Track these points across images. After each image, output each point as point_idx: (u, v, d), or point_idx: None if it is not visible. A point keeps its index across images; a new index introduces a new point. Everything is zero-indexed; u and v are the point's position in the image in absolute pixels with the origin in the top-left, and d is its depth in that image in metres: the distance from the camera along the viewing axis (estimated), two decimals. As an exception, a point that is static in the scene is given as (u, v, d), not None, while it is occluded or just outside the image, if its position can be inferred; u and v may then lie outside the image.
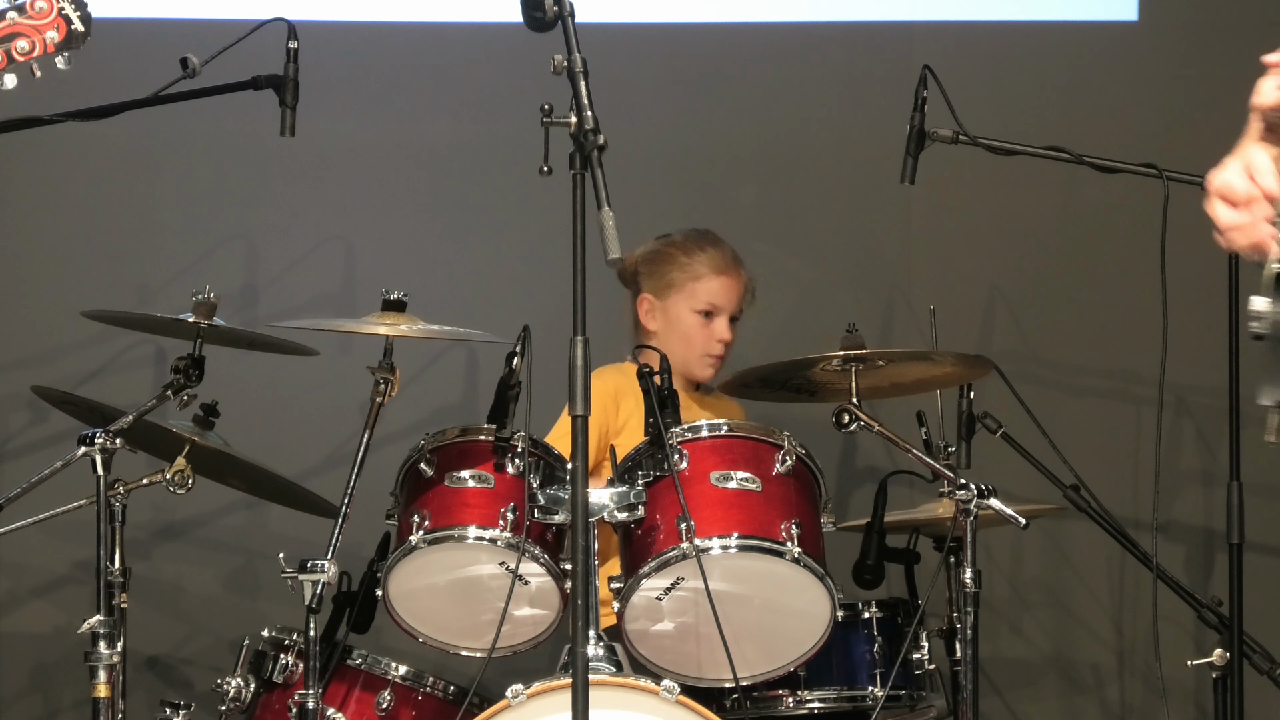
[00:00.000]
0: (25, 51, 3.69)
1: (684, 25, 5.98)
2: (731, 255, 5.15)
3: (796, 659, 4.53)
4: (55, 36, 3.71)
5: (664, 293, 5.15)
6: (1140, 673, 5.91)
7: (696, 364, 5.10)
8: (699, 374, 5.12)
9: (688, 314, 5.13)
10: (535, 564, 4.43)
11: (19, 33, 3.69)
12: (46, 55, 3.72)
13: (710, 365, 5.11)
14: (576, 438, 3.76)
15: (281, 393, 5.78)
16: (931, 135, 5.09)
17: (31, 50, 3.70)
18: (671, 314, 5.14)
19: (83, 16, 3.74)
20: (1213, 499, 5.86)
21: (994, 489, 4.58)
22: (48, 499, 4.83)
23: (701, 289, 5.12)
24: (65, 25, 3.72)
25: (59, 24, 3.71)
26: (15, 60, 3.70)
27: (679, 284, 5.13)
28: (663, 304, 5.15)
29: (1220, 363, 4.95)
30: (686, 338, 5.10)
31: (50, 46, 3.71)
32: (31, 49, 3.69)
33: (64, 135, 5.11)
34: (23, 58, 3.70)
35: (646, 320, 5.15)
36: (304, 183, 5.88)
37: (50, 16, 3.71)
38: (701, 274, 5.12)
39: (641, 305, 5.17)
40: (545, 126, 3.79)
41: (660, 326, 5.14)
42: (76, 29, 3.72)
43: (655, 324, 5.15)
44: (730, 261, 5.14)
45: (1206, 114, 5.97)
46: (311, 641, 4.42)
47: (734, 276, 5.14)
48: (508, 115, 5.64)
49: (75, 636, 4.60)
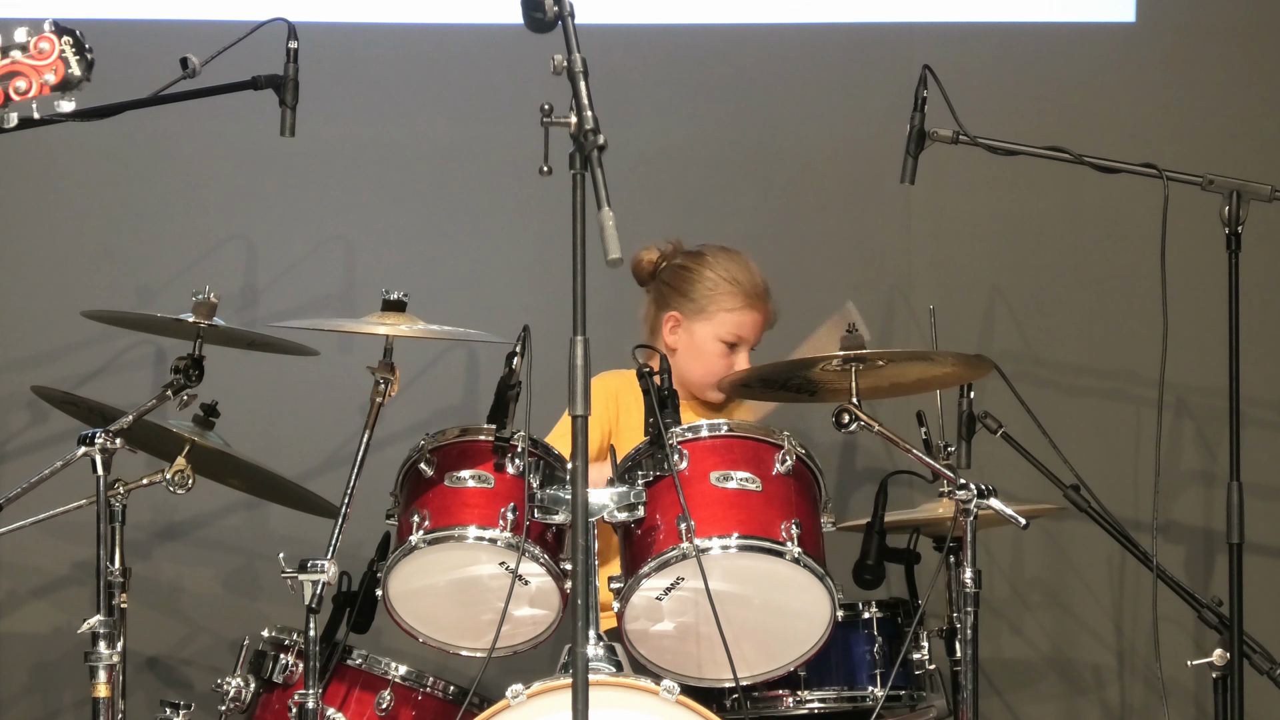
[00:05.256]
0: (22, 91, 3.70)
1: (684, 26, 5.98)
2: (764, 287, 5.13)
3: (796, 659, 4.52)
4: (52, 79, 3.71)
5: (693, 316, 5.12)
6: (1140, 673, 5.91)
7: (709, 389, 5.10)
8: (709, 398, 5.13)
9: (712, 341, 5.12)
10: (535, 564, 4.43)
11: (18, 72, 3.70)
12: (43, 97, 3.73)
13: (720, 392, 5.11)
14: (576, 438, 3.76)
15: (281, 393, 5.78)
16: (931, 135, 5.09)
17: (28, 90, 3.70)
18: (697, 337, 5.13)
19: (81, 61, 3.74)
20: (1213, 499, 5.86)
21: (994, 489, 4.58)
22: (48, 499, 4.83)
23: (731, 320, 5.11)
24: (64, 68, 3.72)
25: (58, 67, 3.71)
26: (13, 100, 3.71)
27: (709, 312, 5.11)
28: (689, 325, 5.13)
29: (1220, 363, 4.94)
30: (706, 364, 5.10)
31: (46, 89, 3.71)
32: (28, 89, 3.70)
33: (64, 135, 5.10)
34: (20, 97, 3.71)
35: (669, 338, 5.13)
36: (304, 183, 5.88)
37: (50, 59, 3.71)
38: (734, 307, 5.10)
39: (667, 323, 5.14)
40: (545, 126, 3.79)
41: (682, 346, 5.13)
42: (74, 74, 3.72)
43: (678, 342, 5.14)
44: (762, 294, 5.13)
45: (1206, 114, 5.98)
46: (311, 641, 4.42)
47: (763, 311, 5.13)
48: (508, 115, 5.64)
49: (75, 636, 4.60)
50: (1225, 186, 4.93)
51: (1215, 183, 4.95)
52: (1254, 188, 4.93)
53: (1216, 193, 4.94)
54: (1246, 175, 4.97)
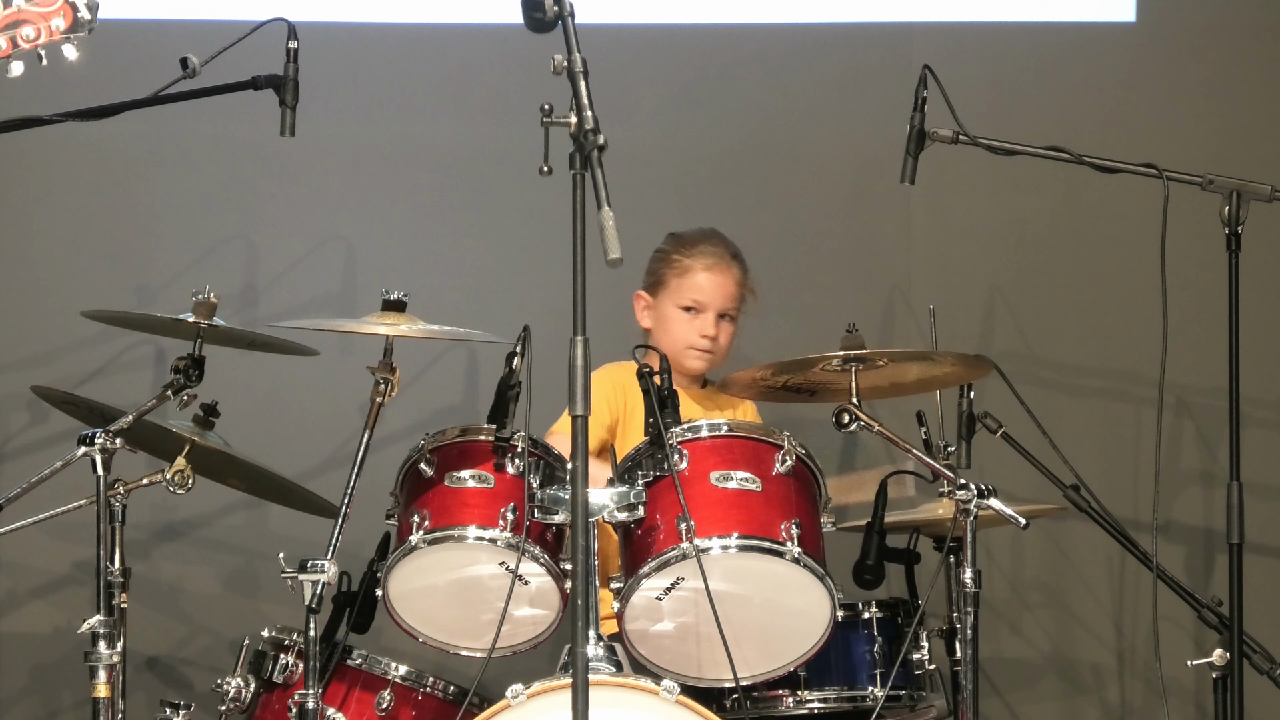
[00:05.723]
0: (31, 39, 3.69)
1: (684, 25, 5.97)
2: (724, 253, 5.16)
3: (796, 659, 4.52)
4: (61, 23, 3.70)
5: (655, 290, 5.19)
6: (1140, 673, 5.91)
7: (682, 357, 5.11)
8: (687, 367, 5.13)
9: (673, 309, 5.16)
10: (535, 564, 4.43)
11: (24, 20, 3.68)
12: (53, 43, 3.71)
13: (697, 358, 5.12)
14: (576, 438, 3.76)
15: (281, 393, 5.78)
16: (931, 135, 5.09)
17: (37, 37, 3.69)
18: (660, 310, 5.18)
19: (89, 4, 3.73)
20: (1213, 499, 5.86)
21: (994, 489, 4.58)
22: (48, 499, 4.83)
23: (686, 285, 5.15)
24: (72, 11, 3.71)
25: (65, 10, 3.70)
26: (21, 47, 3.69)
27: (666, 281, 5.17)
28: (655, 301, 5.19)
29: (1220, 363, 4.94)
30: (673, 332, 5.13)
31: (56, 33, 3.70)
32: (37, 35, 3.69)
33: (64, 135, 5.10)
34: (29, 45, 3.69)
35: (641, 318, 5.19)
36: (304, 183, 5.88)
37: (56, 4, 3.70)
38: (687, 270, 5.15)
39: (638, 303, 5.20)
40: (545, 126, 3.79)
41: (653, 324, 5.19)
42: (83, 16, 3.71)
43: (648, 321, 5.19)
44: (719, 258, 5.15)
45: (1206, 114, 5.98)
46: (311, 641, 4.42)
47: (722, 273, 5.15)
48: (507, 115, 5.64)
49: (75, 636, 4.60)
50: (1225, 186, 4.93)
51: (1215, 183, 4.94)
52: (1254, 188, 4.93)
53: (1216, 193, 4.94)
54: (1246, 175, 4.97)
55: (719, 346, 5.15)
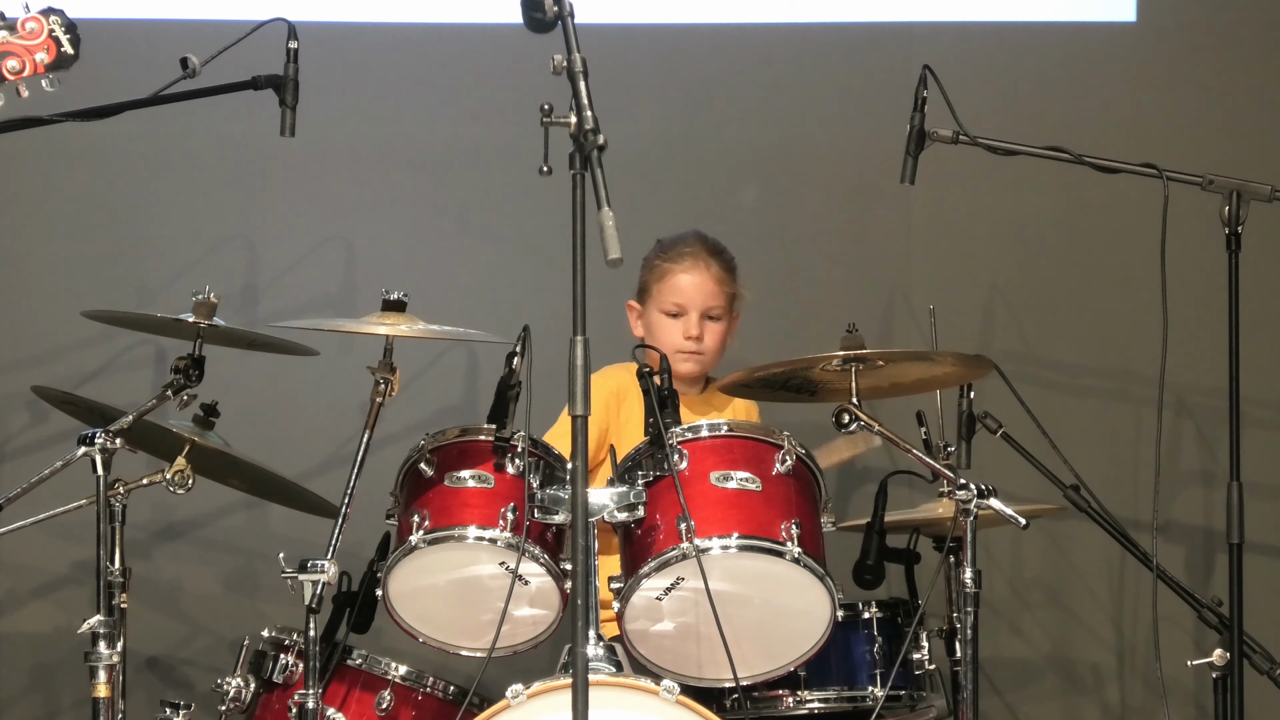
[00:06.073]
0: (15, 71, 3.70)
1: (684, 26, 5.98)
2: (701, 251, 5.14)
3: (796, 659, 4.52)
4: (45, 58, 3.71)
5: (643, 298, 5.20)
6: (1140, 673, 5.91)
7: (672, 361, 5.09)
8: (678, 370, 5.10)
9: (658, 315, 5.15)
10: (535, 564, 4.43)
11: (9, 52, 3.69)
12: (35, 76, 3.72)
13: (685, 360, 5.11)
14: (576, 438, 3.76)
15: (281, 393, 5.78)
16: (931, 135, 5.09)
17: (21, 70, 3.70)
18: (648, 318, 5.18)
19: (72, 40, 3.74)
20: (1213, 499, 5.86)
21: (994, 489, 4.58)
22: (48, 499, 4.83)
23: (666, 289, 5.14)
24: (55, 47, 3.72)
25: (49, 45, 3.71)
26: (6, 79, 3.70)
27: (650, 287, 5.18)
28: (644, 309, 5.19)
29: (1220, 363, 4.94)
30: (659, 339, 5.11)
31: (40, 68, 3.71)
32: (21, 69, 3.70)
33: (64, 135, 5.10)
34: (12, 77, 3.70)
35: (634, 328, 5.19)
36: (304, 183, 5.88)
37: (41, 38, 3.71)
38: (666, 274, 5.15)
39: (630, 313, 5.21)
40: (545, 126, 3.79)
41: (644, 332, 5.18)
42: (66, 52, 3.72)
43: (640, 330, 5.19)
44: (696, 258, 5.14)
45: (1205, 114, 5.98)
46: (311, 641, 4.42)
47: (700, 273, 5.13)
48: (507, 116, 5.64)
49: (75, 636, 4.60)
50: (1225, 186, 4.93)
51: (1215, 183, 4.94)
52: (1254, 188, 4.93)
53: (1216, 193, 4.94)
54: (1246, 175, 4.97)
55: (706, 347, 5.13)
